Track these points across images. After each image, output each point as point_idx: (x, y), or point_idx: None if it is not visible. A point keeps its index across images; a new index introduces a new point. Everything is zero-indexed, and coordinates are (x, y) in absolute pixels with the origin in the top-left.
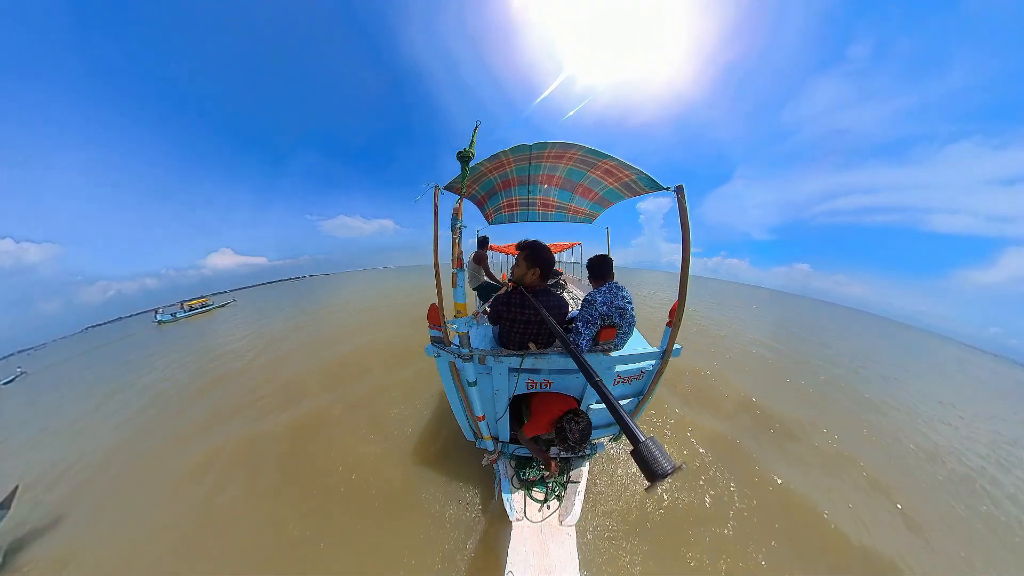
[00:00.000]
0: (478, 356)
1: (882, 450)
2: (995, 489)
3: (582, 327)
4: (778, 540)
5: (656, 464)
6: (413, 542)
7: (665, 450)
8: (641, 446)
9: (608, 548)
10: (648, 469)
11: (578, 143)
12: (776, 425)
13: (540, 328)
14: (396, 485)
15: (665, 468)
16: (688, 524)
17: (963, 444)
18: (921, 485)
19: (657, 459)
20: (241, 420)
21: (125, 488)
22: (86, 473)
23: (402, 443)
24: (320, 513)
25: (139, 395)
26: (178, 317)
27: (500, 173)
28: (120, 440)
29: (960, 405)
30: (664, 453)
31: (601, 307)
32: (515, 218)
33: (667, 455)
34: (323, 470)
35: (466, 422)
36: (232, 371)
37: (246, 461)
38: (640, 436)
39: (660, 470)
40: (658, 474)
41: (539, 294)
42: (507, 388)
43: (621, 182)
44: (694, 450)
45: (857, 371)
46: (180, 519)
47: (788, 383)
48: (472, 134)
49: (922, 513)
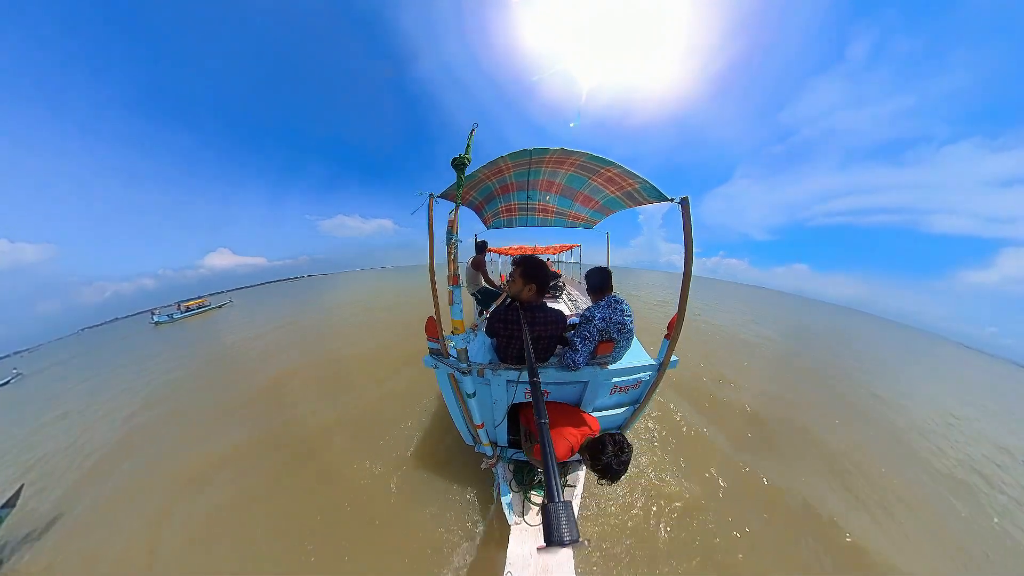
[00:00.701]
0: (476, 369)
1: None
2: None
3: (579, 343)
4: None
5: (557, 530)
6: (413, 544)
7: (575, 519)
8: (551, 506)
9: (602, 555)
10: (548, 530)
11: (580, 150)
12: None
13: (537, 343)
14: (396, 488)
15: (563, 537)
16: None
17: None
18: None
19: (560, 525)
20: (237, 425)
21: (120, 492)
22: (78, 476)
23: (404, 447)
24: (319, 514)
25: (132, 399)
26: (175, 318)
27: (499, 178)
28: (114, 443)
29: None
30: (571, 521)
31: (599, 323)
32: (513, 223)
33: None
34: (322, 473)
35: (465, 428)
36: (229, 373)
37: (244, 466)
38: (556, 496)
39: (557, 537)
40: (554, 540)
41: (535, 309)
42: (505, 398)
43: (623, 191)
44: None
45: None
46: (177, 523)
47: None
48: (468, 138)
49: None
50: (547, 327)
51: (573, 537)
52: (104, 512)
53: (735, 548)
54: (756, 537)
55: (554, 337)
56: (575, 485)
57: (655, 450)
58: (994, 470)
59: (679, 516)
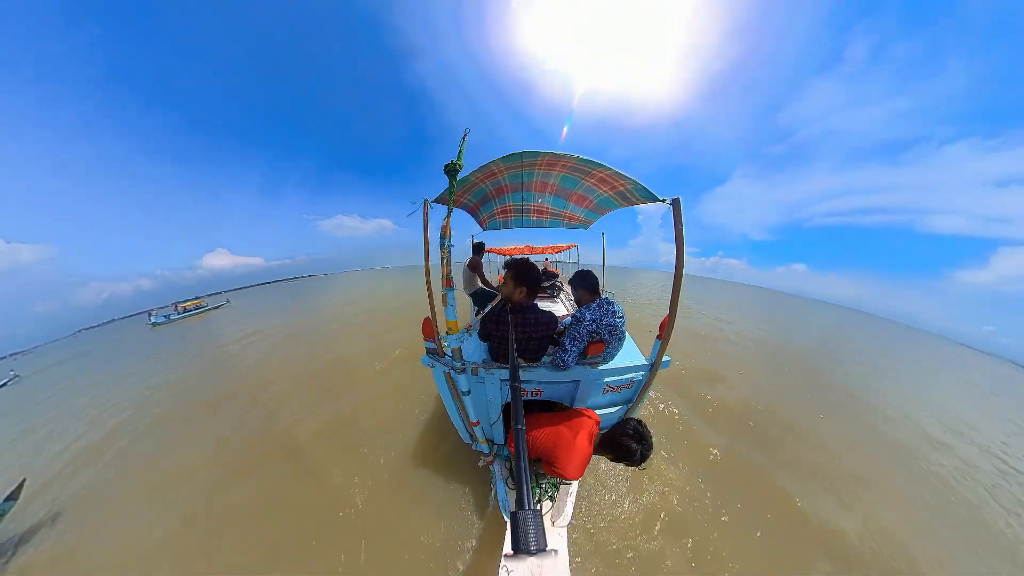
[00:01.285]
0: (470, 368)
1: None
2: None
3: (569, 344)
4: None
5: (524, 539)
6: (411, 543)
7: (542, 529)
8: (520, 514)
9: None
10: (515, 538)
11: (570, 153)
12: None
13: (528, 344)
14: (394, 489)
15: (529, 545)
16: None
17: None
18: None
19: (528, 534)
20: (235, 428)
21: (113, 492)
22: (68, 479)
23: (401, 446)
24: (315, 515)
25: (129, 400)
26: (172, 319)
27: (492, 181)
28: (110, 445)
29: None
30: (540, 530)
31: (590, 324)
32: (509, 224)
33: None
34: (320, 475)
35: (462, 426)
36: (225, 376)
37: (240, 472)
38: (526, 504)
39: (524, 546)
40: (520, 548)
41: (526, 310)
42: (500, 396)
43: (616, 191)
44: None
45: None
46: (170, 528)
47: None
48: (460, 144)
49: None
50: (537, 328)
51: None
52: (101, 510)
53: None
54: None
55: (545, 338)
56: (570, 483)
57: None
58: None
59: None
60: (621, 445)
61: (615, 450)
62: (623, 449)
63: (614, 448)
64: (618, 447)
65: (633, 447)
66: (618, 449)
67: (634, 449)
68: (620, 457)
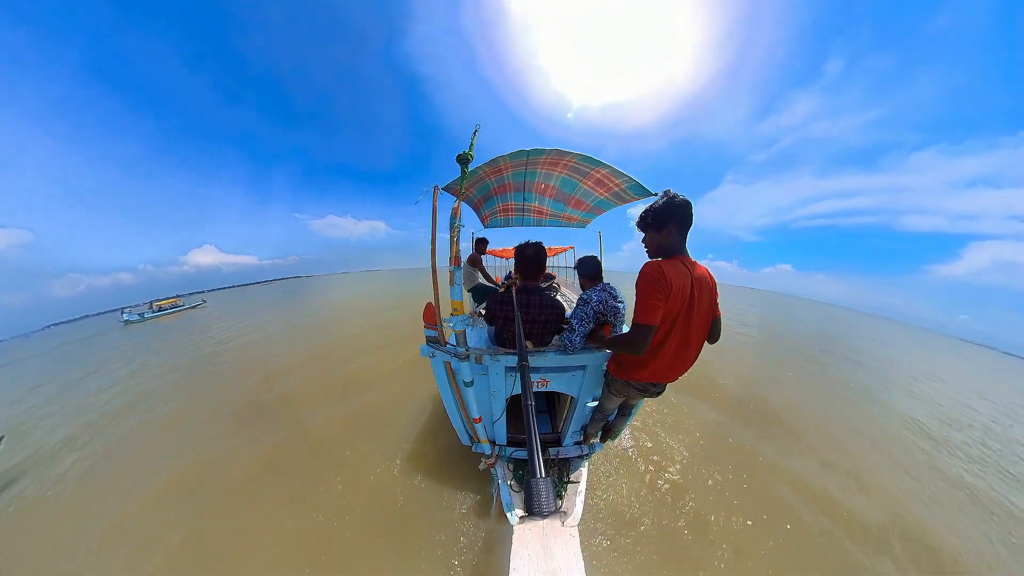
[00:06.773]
0: (474, 355)
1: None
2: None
3: (576, 324)
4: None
5: (538, 502)
6: (414, 552)
7: (553, 494)
8: (533, 481)
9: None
10: (529, 502)
11: (573, 151)
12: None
13: (534, 327)
14: (394, 494)
15: (543, 508)
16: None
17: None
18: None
19: (542, 498)
20: (218, 438)
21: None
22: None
23: (398, 453)
24: (317, 524)
25: (94, 398)
26: (146, 317)
27: (497, 177)
28: (73, 449)
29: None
30: (551, 495)
31: (596, 305)
32: (510, 223)
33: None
34: (319, 478)
35: (462, 425)
36: (201, 377)
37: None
38: (537, 472)
39: (537, 508)
40: (534, 511)
41: (532, 292)
42: (504, 388)
43: (611, 192)
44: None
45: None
46: (166, 532)
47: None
48: (472, 137)
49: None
50: (543, 310)
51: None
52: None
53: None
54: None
55: (551, 322)
56: (578, 481)
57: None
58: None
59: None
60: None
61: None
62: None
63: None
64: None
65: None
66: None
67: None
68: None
